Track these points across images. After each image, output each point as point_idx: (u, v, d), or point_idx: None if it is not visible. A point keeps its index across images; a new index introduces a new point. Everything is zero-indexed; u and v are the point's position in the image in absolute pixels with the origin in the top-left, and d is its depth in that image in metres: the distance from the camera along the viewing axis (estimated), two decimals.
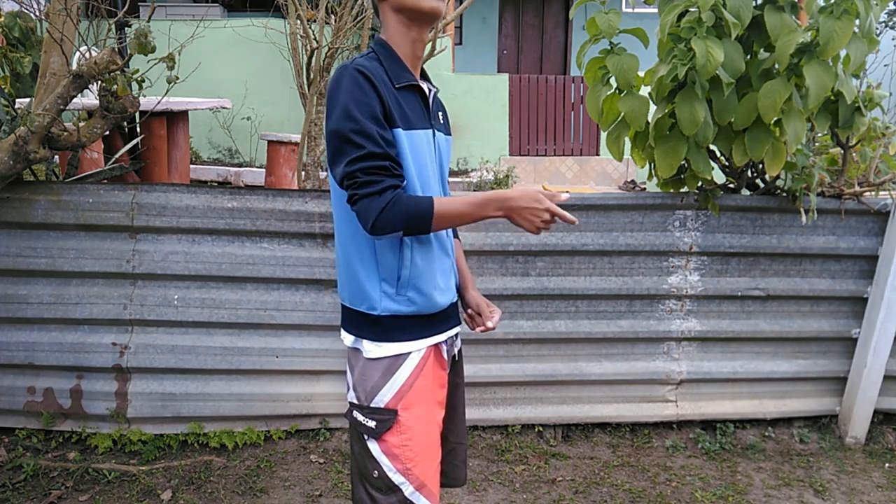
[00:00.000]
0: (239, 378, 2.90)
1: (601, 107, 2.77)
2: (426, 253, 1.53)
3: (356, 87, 1.40)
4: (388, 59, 1.49)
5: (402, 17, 1.49)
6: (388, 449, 1.52)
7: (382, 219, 1.38)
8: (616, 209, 2.91)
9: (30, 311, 2.79)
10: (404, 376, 1.53)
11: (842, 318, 3.13)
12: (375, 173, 1.39)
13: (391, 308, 1.50)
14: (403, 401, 1.52)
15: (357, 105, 1.39)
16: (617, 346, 3.06)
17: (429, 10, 1.47)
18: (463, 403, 1.80)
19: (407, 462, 1.52)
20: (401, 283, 1.50)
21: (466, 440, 1.86)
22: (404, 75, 1.50)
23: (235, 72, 8.27)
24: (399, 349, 1.53)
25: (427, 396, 1.56)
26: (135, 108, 2.79)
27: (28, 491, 2.57)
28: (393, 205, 1.38)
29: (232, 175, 7.69)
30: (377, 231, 1.40)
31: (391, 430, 1.51)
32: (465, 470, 1.84)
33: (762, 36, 2.61)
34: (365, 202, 1.39)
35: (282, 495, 2.63)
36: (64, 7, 2.81)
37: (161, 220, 2.75)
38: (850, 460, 3.02)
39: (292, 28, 4.76)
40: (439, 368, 1.62)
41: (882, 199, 3.01)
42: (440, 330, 1.60)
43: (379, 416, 1.52)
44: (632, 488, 2.75)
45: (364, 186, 1.38)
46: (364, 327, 1.54)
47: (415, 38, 1.52)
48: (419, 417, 1.54)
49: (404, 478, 1.52)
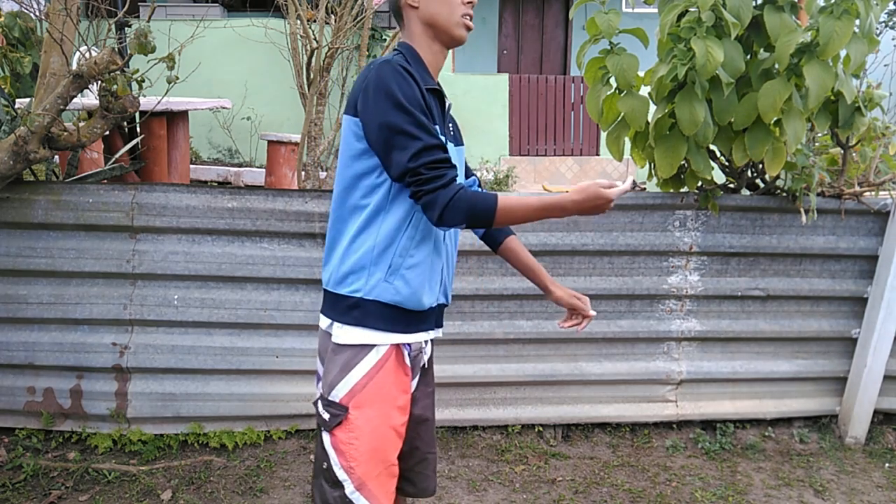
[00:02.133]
0: (239, 378, 2.90)
1: (601, 107, 2.77)
2: (424, 247, 1.54)
3: (403, 81, 1.42)
4: (416, 63, 1.53)
5: (429, 30, 1.54)
6: (336, 443, 1.54)
7: (450, 211, 1.41)
8: (616, 209, 2.91)
9: (30, 311, 2.79)
10: (359, 374, 1.53)
11: (842, 318, 3.13)
12: (437, 167, 1.43)
13: (374, 292, 1.51)
14: (355, 399, 1.53)
15: (407, 97, 1.41)
16: (617, 346, 3.06)
17: (458, 37, 1.54)
18: (433, 413, 1.80)
19: (351, 460, 1.53)
20: (391, 270, 1.51)
21: (436, 449, 1.86)
22: (429, 80, 1.53)
23: (235, 72, 8.26)
24: (363, 338, 1.53)
25: (382, 398, 1.56)
26: (135, 108, 2.79)
27: (28, 491, 2.57)
28: (459, 198, 1.42)
29: (232, 175, 7.69)
30: (443, 223, 1.44)
31: (341, 425, 1.53)
32: (434, 480, 1.83)
33: (762, 36, 2.61)
34: (432, 196, 1.42)
35: (282, 495, 2.63)
36: (64, 7, 2.81)
37: (161, 220, 2.75)
38: (850, 460, 3.02)
39: (292, 28, 4.76)
40: (401, 373, 1.60)
41: (882, 199, 3.01)
42: (412, 329, 1.59)
43: (332, 409, 1.54)
44: (632, 488, 2.75)
45: (430, 182, 1.41)
46: (341, 311, 1.55)
47: (437, 51, 1.58)
48: (369, 419, 1.54)
49: (347, 475, 1.54)
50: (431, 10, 1.51)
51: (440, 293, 1.64)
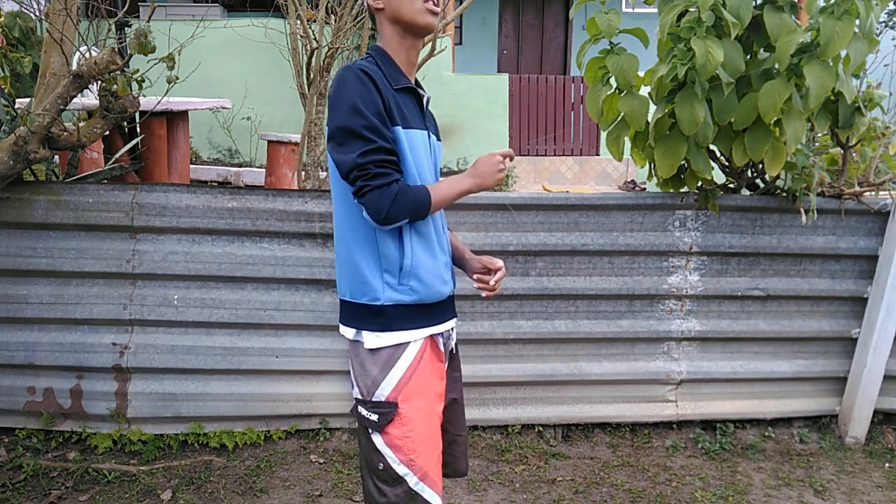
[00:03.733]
0: (239, 378, 2.90)
1: (601, 107, 2.77)
2: (426, 242, 1.60)
3: (361, 86, 1.48)
4: (386, 64, 1.58)
5: (398, 27, 1.60)
6: (391, 441, 1.58)
7: (394, 209, 1.47)
8: (616, 209, 2.91)
9: (30, 311, 2.79)
10: (402, 369, 1.58)
11: (842, 318, 3.13)
12: (385, 166, 1.48)
13: (394, 298, 1.56)
14: (403, 393, 1.57)
15: (364, 102, 1.47)
16: (617, 346, 3.06)
17: (424, 25, 1.58)
18: (462, 395, 1.86)
19: (410, 453, 1.57)
20: (402, 273, 1.56)
21: (466, 431, 1.92)
22: (401, 79, 1.59)
23: (235, 72, 8.26)
24: (399, 338, 1.58)
25: (426, 388, 1.61)
26: (135, 108, 2.79)
27: (28, 491, 2.57)
28: (402, 195, 1.48)
29: (232, 175, 7.69)
30: (387, 221, 1.49)
31: (393, 422, 1.57)
32: (465, 461, 1.89)
33: (762, 36, 2.61)
34: (376, 194, 1.46)
35: (282, 495, 2.63)
36: (64, 7, 2.80)
37: (161, 220, 2.75)
38: (850, 460, 3.02)
39: (292, 28, 4.76)
40: (437, 360, 1.67)
41: (882, 199, 3.01)
42: (438, 321, 1.66)
43: (380, 409, 1.57)
44: (632, 488, 2.75)
45: (376, 178, 1.46)
46: (366, 319, 1.59)
47: (409, 46, 1.62)
48: (419, 409, 1.59)
49: (408, 468, 1.58)
50: (394, 6, 1.57)
51: (451, 280, 1.71)
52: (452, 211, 2.85)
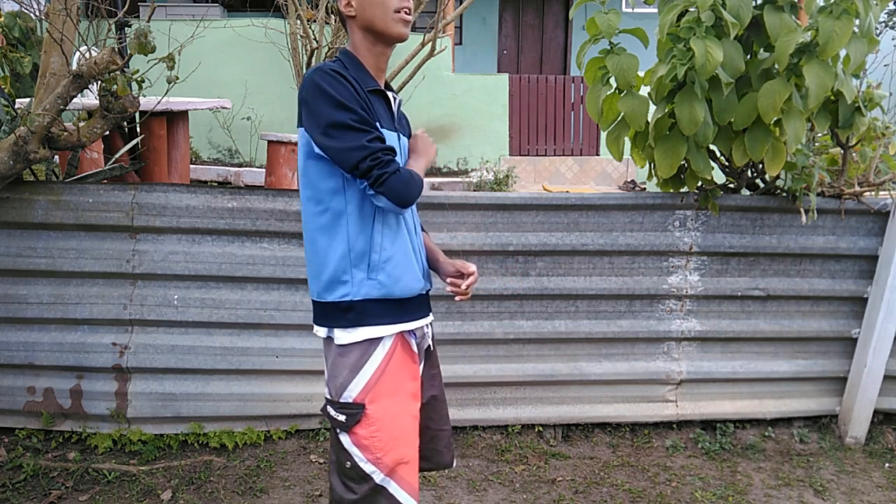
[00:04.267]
0: (239, 378, 2.90)
1: (601, 107, 2.77)
2: (395, 237, 1.61)
3: (337, 83, 1.49)
4: (355, 68, 1.59)
5: (369, 34, 1.61)
6: (357, 441, 1.60)
7: (413, 190, 1.53)
8: (616, 209, 2.91)
9: (30, 311, 2.79)
10: (371, 371, 1.59)
11: (842, 318, 3.13)
12: (390, 153, 1.51)
13: (363, 292, 1.58)
14: (371, 395, 1.59)
15: (346, 98, 1.48)
16: (617, 346, 3.06)
17: (396, 34, 1.60)
18: (442, 391, 1.88)
19: (377, 452, 1.59)
20: (371, 267, 1.58)
21: (450, 425, 1.94)
22: (370, 82, 1.61)
23: (235, 72, 8.26)
24: (369, 334, 1.59)
25: (395, 389, 1.62)
26: (135, 108, 2.79)
27: (28, 491, 2.57)
28: (411, 177, 1.54)
29: (232, 175, 7.69)
30: (409, 203, 1.54)
31: (360, 423, 1.59)
32: (450, 454, 1.91)
33: (762, 36, 2.61)
34: (395, 179, 1.49)
35: (282, 495, 2.63)
36: (64, 7, 2.81)
37: (161, 220, 2.75)
38: (850, 460, 3.02)
39: (292, 28, 4.76)
40: (409, 360, 1.68)
41: (882, 199, 3.01)
42: (410, 318, 1.66)
43: (348, 410, 1.60)
44: (632, 488, 2.75)
45: (388, 164, 1.49)
46: (336, 317, 1.61)
47: (379, 52, 1.64)
48: (386, 410, 1.60)
49: (375, 466, 1.60)
50: (367, 15, 1.58)
51: (423, 278, 1.71)
52: (452, 211, 2.85)
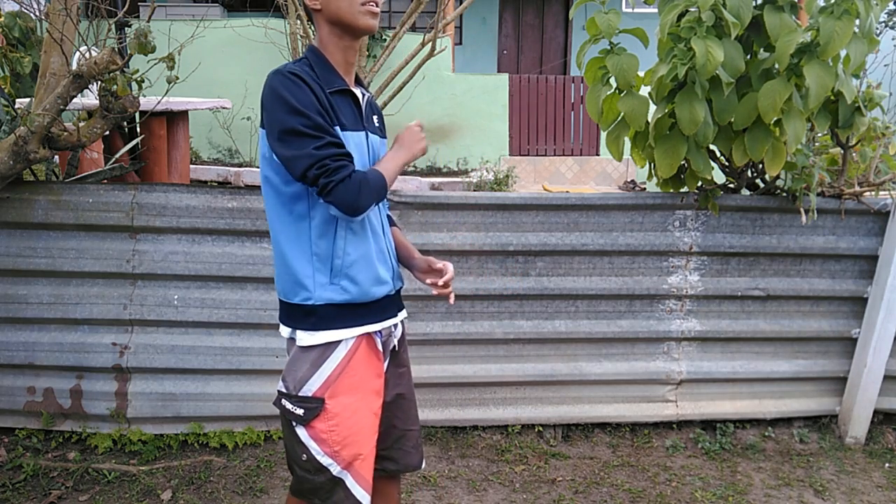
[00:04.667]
0: (239, 378, 2.90)
1: (601, 107, 2.77)
2: (359, 242, 1.59)
3: (294, 87, 1.46)
4: (320, 66, 1.56)
5: (336, 28, 1.57)
6: (315, 434, 1.59)
7: (362, 198, 1.48)
8: (616, 209, 2.91)
9: (30, 311, 2.79)
10: (332, 366, 1.59)
11: (842, 318, 3.13)
12: (341, 159, 1.47)
13: (325, 297, 1.56)
14: (330, 390, 1.58)
15: (301, 102, 1.45)
16: (617, 346, 3.06)
17: (364, 26, 1.56)
18: (411, 390, 1.85)
19: (334, 445, 1.59)
20: (334, 273, 1.56)
21: (418, 425, 1.90)
22: (335, 80, 1.57)
23: (235, 72, 8.26)
24: (331, 336, 1.58)
25: (357, 385, 1.62)
26: (135, 108, 2.79)
27: (28, 491, 2.57)
28: (365, 183, 1.48)
29: (232, 175, 7.69)
30: (358, 212, 1.49)
31: (319, 417, 1.58)
32: (418, 455, 1.88)
33: (762, 36, 2.61)
34: (342, 187, 1.45)
35: (282, 495, 2.63)
36: (64, 7, 2.80)
37: (161, 220, 2.75)
38: (850, 460, 3.02)
39: (292, 28, 4.76)
40: (373, 358, 1.67)
41: (882, 199, 3.01)
42: (374, 319, 1.65)
43: (306, 404, 1.58)
44: (632, 488, 2.75)
45: (336, 172, 1.45)
46: (299, 319, 1.60)
47: (346, 46, 1.60)
48: (346, 405, 1.60)
49: (332, 459, 1.59)
50: (332, 7, 1.54)
51: (392, 279, 1.69)
52: (452, 211, 2.85)
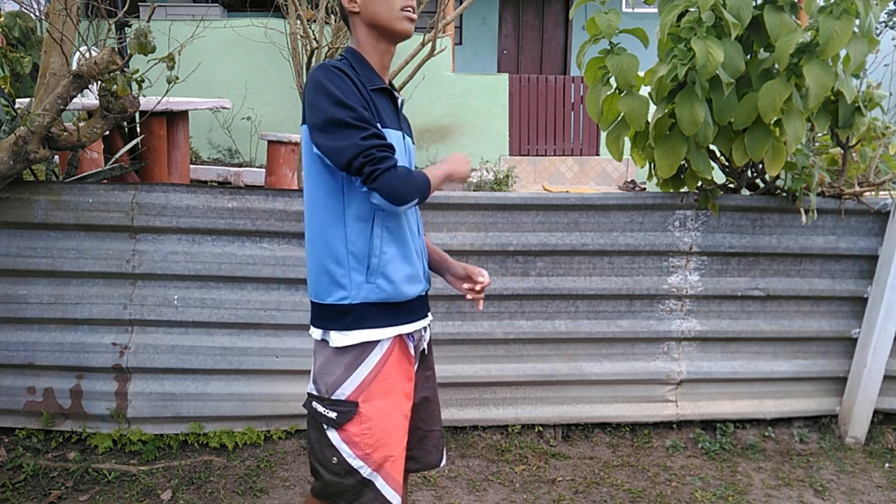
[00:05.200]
0: (239, 378, 2.90)
1: (601, 107, 2.77)
2: (395, 241, 1.59)
3: (340, 81, 1.48)
4: (360, 66, 1.58)
5: (373, 31, 1.59)
6: (348, 438, 1.59)
7: (408, 188, 1.48)
8: (616, 209, 2.91)
9: (30, 311, 2.79)
10: (367, 370, 1.59)
11: (842, 318, 3.13)
12: (387, 150, 1.48)
13: (360, 296, 1.57)
14: (364, 393, 1.59)
15: (346, 95, 1.47)
16: (617, 346, 3.06)
17: (401, 31, 1.58)
18: (435, 393, 1.87)
19: (366, 448, 1.59)
20: (370, 271, 1.56)
21: (440, 425, 1.92)
22: (376, 79, 1.59)
23: (235, 72, 8.26)
24: (365, 336, 1.58)
25: (390, 389, 1.62)
26: (135, 108, 2.79)
27: (28, 491, 2.57)
28: (410, 176, 1.49)
29: (232, 175, 7.69)
30: (403, 201, 1.49)
31: (352, 420, 1.58)
32: (439, 454, 1.89)
33: (762, 36, 2.61)
34: (388, 175, 1.46)
35: (282, 495, 2.63)
36: (64, 7, 2.81)
37: (161, 220, 2.75)
38: (850, 460, 3.02)
39: (292, 28, 4.76)
40: (405, 361, 1.67)
41: (882, 199, 3.01)
42: (407, 320, 1.66)
43: (340, 407, 1.59)
44: (632, 488, 2.75)
45: (383, 161, 1.45)
46: (333, 319, 1.60)
47: (384, 50, 1.62)
48: (379, 409, 1.60)
49: (363, 462, 1.59)
50: (371, 10, 1.56)
51: (424, 280, 1.70)
52: (452, 211, 2.85)
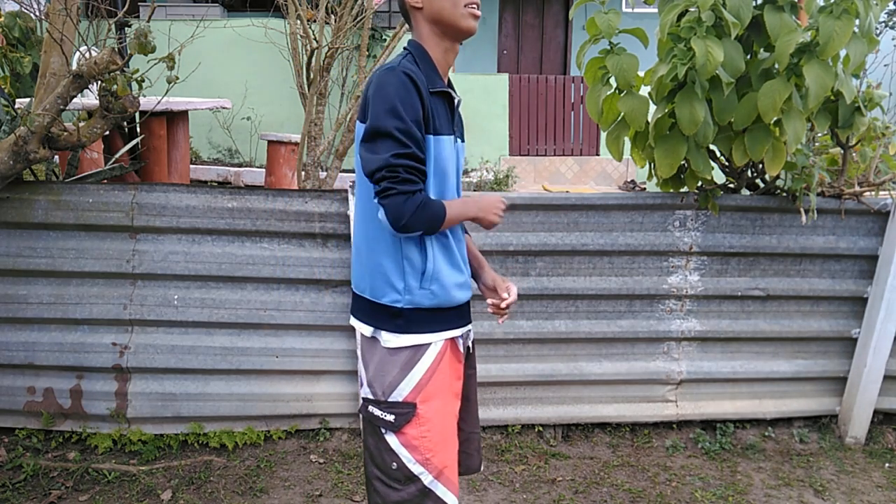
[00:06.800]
0: (239, 378, 2.90)
1: (601, 107, 2.77)
2: (446, 249, 1.61)
3: (404, 90, 1.46)
4: (424, 63, 1.55)
5: (437, 27, 1.56)
6: (407, 441, 1.57)
7: (414, 219, 1.46)
8: (616, 209, 2.91)
9: (30, 311, 2.79)
10: (423, 370, 1.58)
11: (842, 318, 3.13)
12: (414, 173, 1.47)
13: (414, 301, 1.57)
14: (422, 394, 1.57)
15: (404, 107, 1.45)
16: (617, 346, 3.06)
17: (466, 28, 1.55)
18: (475, 393, 1.86)
19: (426, 452, 1.57)
20: (425, 278, 1.56)
21: (480, 428, 1.93)
22: (437, 81, 1.56)
23: (235, 72, 8.26)
24: (417, 340, 1.58)
25: (444, 388, 1.62)
26: (135, 108, 2.79)
27: (28, 491, 2.57)
28: (424, 207, 1.48)
29: (232, 175, 7.70)
30: (405, 229, 1.48)
31: (410, 422, 1.56)
32: (479, 458, 1.90)
33: (762, 36, 2.61)
34: (399, 199, 1.44)
35: (282, 495, 2.63)
36: (64, 7, 2.80)
37: (161, 220, 2.75)
38: (850, 460, 3.02)
39: (292, 28, 4.76)
40: (455, 361, 1.68)
41: (882, 199, 3.01)
42: (457, 324, 1.67)
43: (398, 409, 1.57)
44: (632, 488, 2.75)
45: (403, 183, 1.45)
46: (384, 319, 1.59)
47: (447, 48, 1.60)
48: (437, 409, 1.59)
49: (423, 468, 1.57)
50: (435, 7, 1.54)
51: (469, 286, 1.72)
52: None
